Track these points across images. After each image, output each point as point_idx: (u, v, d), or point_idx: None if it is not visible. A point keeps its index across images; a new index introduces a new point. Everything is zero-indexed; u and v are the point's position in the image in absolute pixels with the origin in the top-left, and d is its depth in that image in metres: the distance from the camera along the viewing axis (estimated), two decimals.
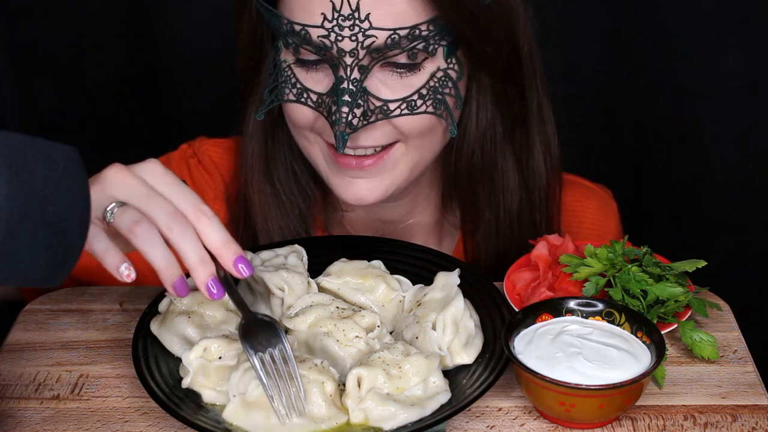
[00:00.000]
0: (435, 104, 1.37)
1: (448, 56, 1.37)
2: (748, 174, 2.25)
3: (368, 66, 1.33)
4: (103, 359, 1.27)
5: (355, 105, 1.33)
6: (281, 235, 1.52)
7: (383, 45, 1.32)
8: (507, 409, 1.19)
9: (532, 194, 1.51)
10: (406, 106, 1.36)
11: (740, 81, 2.18)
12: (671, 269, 1.29)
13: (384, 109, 1.35)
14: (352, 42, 1.31)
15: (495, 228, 1.51)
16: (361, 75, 1.33)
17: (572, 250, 1.35)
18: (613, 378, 1.12)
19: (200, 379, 1.17)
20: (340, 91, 1.33)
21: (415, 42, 1.33)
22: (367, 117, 1.34)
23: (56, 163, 1.00)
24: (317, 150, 1.43)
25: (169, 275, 1.13)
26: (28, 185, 0.97)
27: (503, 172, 1.49)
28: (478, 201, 1.51)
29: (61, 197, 1.00)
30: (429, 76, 1.36)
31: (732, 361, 1.26)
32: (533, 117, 1.50)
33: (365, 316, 1.22)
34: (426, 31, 1.33)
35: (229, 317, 1.24)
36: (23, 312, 1.36)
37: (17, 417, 1.18)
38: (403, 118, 1.37)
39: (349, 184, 1.42)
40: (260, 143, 1.50)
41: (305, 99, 1.37)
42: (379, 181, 1.42)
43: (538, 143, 1.51)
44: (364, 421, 1.12)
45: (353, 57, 1.32)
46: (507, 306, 1.29)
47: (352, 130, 1.33)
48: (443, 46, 1.36)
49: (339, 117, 1.32)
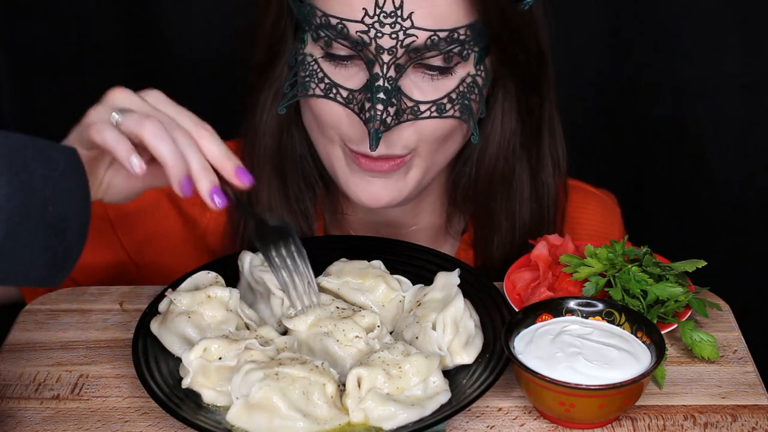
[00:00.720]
0: (462, 109, 1.37)
1: (478, 62, 1.37)
2: (748, 174, 2.25)
3: (404, 65, 1.33)
4: (103, 359, 1.27)
5: (389, 103, 1.32)
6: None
7: (423, 45, 1.32)
8: (507, 409, 1.19)
9: (542, 205, 1.51)
10: (435, 109, 1.35)
11: (740, 81, 2.18)
12: (671, 269, 1.29)
13: (414, 110, 1.35)
14: (392, 40, 1.31)
15: (510, 239, 1.51)
16: (397, 74, 1.33)
17: (572, 250, 1.35)
18: (613, 378, 1.12)
19: (200, 380, 1.17)
20: (376, 89, 1.32)
21: (452, 45, 1.33)
22: (399, 116, 1.34)
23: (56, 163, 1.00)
24: (338, 149, 1.42)
25: (177, 171, 1.15)
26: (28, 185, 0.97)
27: (519, 182, 1.50)
28: (496, 211, 1.50)
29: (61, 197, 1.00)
30: (459, 80, 1.36)
31: (732, 361, 1.26)
32: (545, 128, 1.50)
33: (365, 316, 1.22)
34: (464, 35, 1.33)
35: (229, 317, 1.24)
36: (23, 312, 1.36)
37: (17, 417, 1.18)
38: (429, 121, 1.36)
39: (367, 184, 1.41)
40: (274, 138, 1.49)
41: (334, 94, 1.36)
42: (395, 183, 1.41)
43: (548, 155, 1.51)
44: (364, 420, 1.12)
45: (391, 55, 1.32)
46: (507, 306, 1.29)
47: (385, 129, 1.33)
48: (476, 51, 1.36)
49: (374, 114, 1.32)
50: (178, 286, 1.28)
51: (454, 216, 1.57)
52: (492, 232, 1.51)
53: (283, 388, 1.11)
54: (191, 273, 1.31)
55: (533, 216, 1.51)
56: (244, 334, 1.21)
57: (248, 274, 1.30)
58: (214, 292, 1.25)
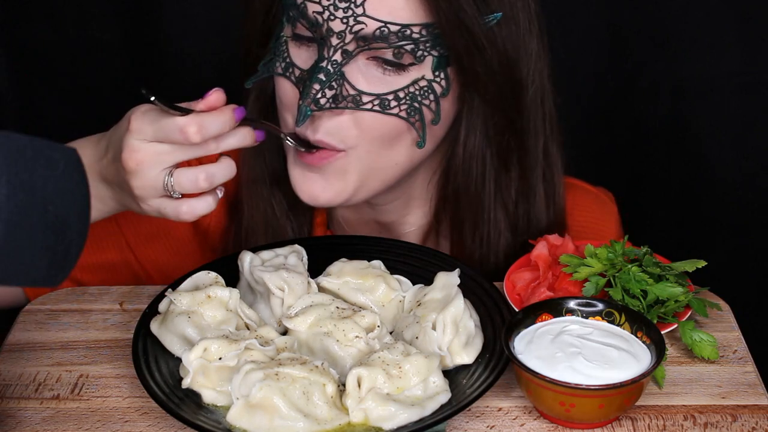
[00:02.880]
0: (409, 110, 1.34)
1: (437, 69, 1.35)
2: (748, 174, 2.24)
3: (352, 52, 1.32)
4: (103, 359, 1.27)
5: (327, 86, 1.32)
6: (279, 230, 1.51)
7: (371, 35, 1.31)
8: (507, 409, 1.19)
9: (522, 239, 1.48)
10: (379, 103, 1.34)
11: (740, 81, 2.18)
12: (671, 269, 1.29)
13: (356, 99, 1.33)
14: (342, 24, 1.31)
15: (479, 258, 1.48)
16: (343, 59, 1.33)
17: (572, 250, 1.35)
18: (613, 378, 1.12)
19: (200, 380, 1.17)
20: (318, 69, 1.32)
21: (403, 41, 1.32)
22: (336, 101, 1.33)
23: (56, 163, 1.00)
24: None
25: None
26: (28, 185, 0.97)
27: (490, 210, 1.46)
28: (464, 229, 1.48)
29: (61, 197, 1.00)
30: (411, 81, 1.34)
31: (732, 361, 1.26)
32: (536, 162, 1.47)
33: (365, 316, 1.22)
34: (417, 34, 1.32)
35: (229, 317, 1.24)
36: (23, 312, 1.37)
37: (17, 417, 1.18)
38: (370, 117, 1.34)
39: (306, 180, 1.39)
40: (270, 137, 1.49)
41: (290, 74, 1.37)
42: (332, 183, 1.39)
43: (541, 192, 1.48)
44: (364, 420, 1.12)
45: (340, 39, 1.32)
46: (507, 306, 1.29)
47: (317, 108, 1.31)
48: (433, 56, 1.34)
49: (307, 92, 1.31)
50: (178, 286, 1.28)
51: (441, 220, 1.56)
52: (463, 248, 1.49)
53: (283, 388, 1.11)
54: (191, 273, 1.31)
55: (509, 246, 1.47)
56: (244, 334, 1.21)
57: (248, 274, 1.30)
58: (214, 292, 1.25)
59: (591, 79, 2.21)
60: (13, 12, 2.16)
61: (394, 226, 1.55)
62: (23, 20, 2.17)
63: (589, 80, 2.22)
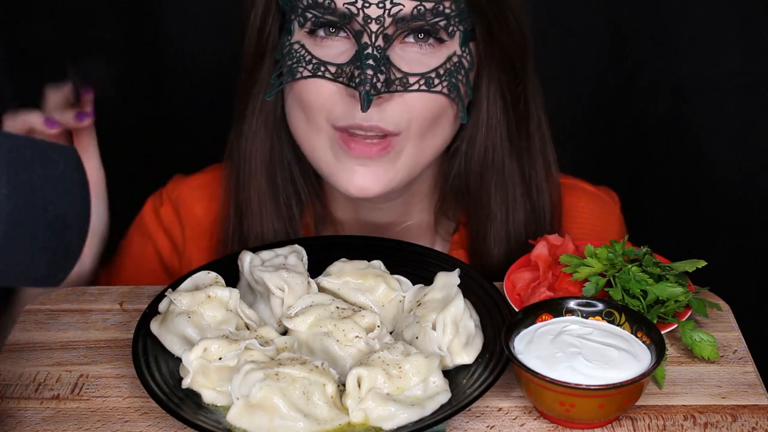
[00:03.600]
0: (450, 87, 1.39)
1: (463, 44, 1.40)
2: (748, 174, 2.24)
3: (392, 36, 1.36)
4: (103, 359, 1.27)
5: (378, 70, 1.35)
6: (273, 236, 1.52)
7: (409, 15, 1.35)
8: (507, 409, 1.19)
9: (535, 207, 1.51)
10: (424, 82, 1.38)
11: (740, 80, 2.18)
12: (671, 269, 1.29)
13: (404, 81, 1.37)
14: (379, 9, 1.34)
15: (505, 234, 1.51)
16: (385, 43, 1.36)
17: (572, 250, 1.35)
18: (613, 378, 1.12)
19: (200, 380, 1.17)
20: (365, 56, 1.35)
21: (437, 18, 1.36)
22: (389, 85, 1.36)
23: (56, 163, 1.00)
24: (324, 139, 1.42)
25: None
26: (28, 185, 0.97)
27: (510, 178, 1.50)
28: (491, 202, 1.50)
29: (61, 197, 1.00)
30: (446, 58, 1.39)
31: (732, 361, 1.26)
32: (533, 130, 1.51)
33: (365, 316, 1.22)
34: (449, 9, 1.36)
35: (229, 317, 1.24)
36: (23, 312, 1.36)
37: (17, 417, 1.18)
38: (418, 97, 1.38)
39: (354, 173, 1.41)
40: (264, 143, 1.50)
41: (323, 72, 1.38)
42: (384, 172, 1.41)
43: (539, 157, 1.52)
44: (364, 420, 1.12)
45: (379, 24, 1.35)
46: (507, 306, 1.29)
47: (376, 93, 1.34)
48: (461, 30, 1.38)
49: (364, 78, 1.34)
50: (178, 286, 1.28)
51: (443, 215, 1.57)
52: (487, 224, 1.51)
53: (283, 388, 1.11)
54: (191, 273, 1.31)
55: (527, 216, 1.51)
56: (244, 334, 1.21)
57: (248, 274, 1.30)
58: (214, 292, 1.25)
59: (591, 78, 2.21)
60: (13, 12, 2.16)
61: (390, 227, 1.56)
62: (23, 20, 2.16)
63: (589, 79, 2.22)
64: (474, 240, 1.53)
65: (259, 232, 1.52)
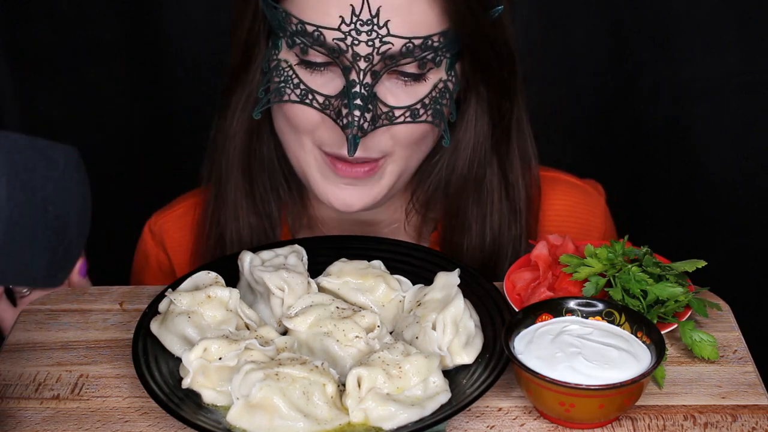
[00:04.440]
0: (434, 114, 1.39)
1: (450, 68, 1.39)
2: (748, 174, 2.24)
3: (380, 72, 1.35)
4: (103, 359, 1.27)
5: (365, 109, 1.35)
6: (250, 234, 1.52)
7: (398, 52, 1.34)
8: (507, 409, 1.19)
9: (513, 208, 1.52)
10: (410, 115, 1.38)
11: (740, 81, 2.18)
12: (671, 269, 1.29)
13: (390, 115, 1.37)
14: (368, 47, 1.33)
15: (479, 243, 1.51)
16: (373, 80, 1.35)
17: (572, 250, 1.35)
18: (613, 378, 1.12)
19: (200, 380, 1.17)
20: (353, 95, 1.34)
21: (426, 52, 1.35)
22: (375, 122, 1.36)
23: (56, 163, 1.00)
24: (311, 157, 1.44)
25: None
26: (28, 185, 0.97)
27: (490, 185, 1.51)
28: (467, 215, 1.51)
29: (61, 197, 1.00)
30: (432, 86, 1.39)
31: (732, 361, 1.26)
32: (513, 131, 1.51)
33: (365, 316, 1.22)
34: (437, 42, 1.36)
35: (229, 317, 1.24)
36: (23, 312, 1.36)
37: (17, 417, 1.18)
38: (403, 126, 1.39)
39: (340, 191, 1.43)
40: (243, 141, 1.50)
41: (310, 100, 1.38)
42: (369, 190, 1.44)
43: (516, 155, 1.52)
44: (364, 420, 1.12)
45: (368, 62, 1.34)
46: (507, 306, 1.29)
47: (363, 134, 1.35)
48: (447, 57, 1.38)
49: (351, 120, 1.34)
50: (178, 286, 1.28)
51: (420, 217, 1.57)
52: (462, 235, 1.52)
53: (283, 388, 1.11)
54: (191, 273, 1.31)
55: (503, 219, 1.51)
56: (244, 334, 1.21)
57: (248, 274, 1.30)
58: (214, 292, 1.25)
59: (591, 79, 2.22)
60: (13, 12, 2.16)
61: (371, 226, 1.57)
62: (23, 20, 2.16)
63: (589, 80, 2.22)
64: (445, 246, 1.54)
65: (235, 228, 1.52)
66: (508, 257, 1.51)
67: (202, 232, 1.57)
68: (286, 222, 1.57)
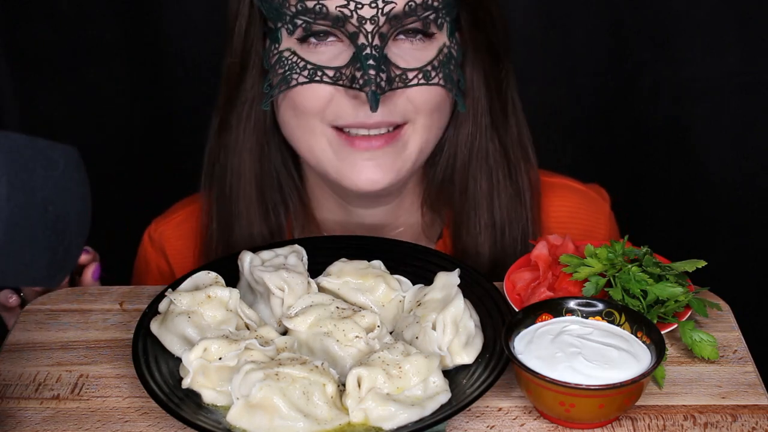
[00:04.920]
0: (445, 78, 1.42)
1: (451, 35, 1.42)
2: (748, 174, 2.25)
3: (387, 34, 1.37)
4: (103, 359, 1.27)
5: (380, 70, 1.36)
6: (261, 243, 1.52)
7: (401, 12, 1.37)
8: (507, 409, 1.19)
9: (517, 188, 1.53)
10: (422, 76, 1.40)
11: (740, 81, 2.18)
12: (671, 269, 1.29)
13: (403, 77, 1.39)
14: (372, 9, 1.36)
15: (491, 220, 1.52)
16: (382, 42, 1.37)
17: (572, 250, 1.35)
18: (613, 378, 1.12)
19: (200, 380, 1.17)
20: (365, 57, 1.36)
21: (427, 12, 1.38)
22: (390, 83, 1.38)
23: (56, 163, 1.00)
24: (323, 141, 1.43)
25: None
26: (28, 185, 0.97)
27: (494, 162, 1.51)
28: (476, 191, 1.52)
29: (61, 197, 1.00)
30: (437, 50, 1.41)
31: (732, 361, 1.26)
32: (510, 114, 1.53)
33: (365, 316, 1.22)
34: (437, 2, 1.39)
35: (229, 317, 1.24)
36: (23, 312, 1.37)
37: (17, 417, 1.18)
38: (418, 91, 1.40)
39: (361, 168, 1.43)
40: (252, 152, 1.50)
41: (320, 77, 1.39)
42: (392, 163, 1.44)
43: (516, 141, 1.53)
44: (364, 420, 1.12)
45: (374, 24, 1.36)
46: (507, 306, 1.29)
47: (381, 92, 1.36)
48: (448, 22, 1.41)
49: (368, 78, 1.36)
50: (178, 286, 1.28)
51: (430, 217, 1.57)
52: (471, 212, 1.52)
53: (283, 388, 1.11)
54: (191, 273, 1.31)
55: (510, 200, 1.52)
56: (244, 334, 1.21)
57: (248, 274, 1.30)
58: (214, 292, 1.25)
59: (591, 79, 2.22)
60: (13, 12, 2.16)
61: (378, 230, 1.56)
62: (23, 20, 2.17)
63: (589, 80, 2.22)
64: (458, 229, 1.54)
65: (248, 241, 1.52)
66: (519, 243, 1.52)
67: (209, 246, 1.56)
68: (291, 234, 1.57)
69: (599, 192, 1.67)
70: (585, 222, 1.62)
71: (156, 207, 1.71)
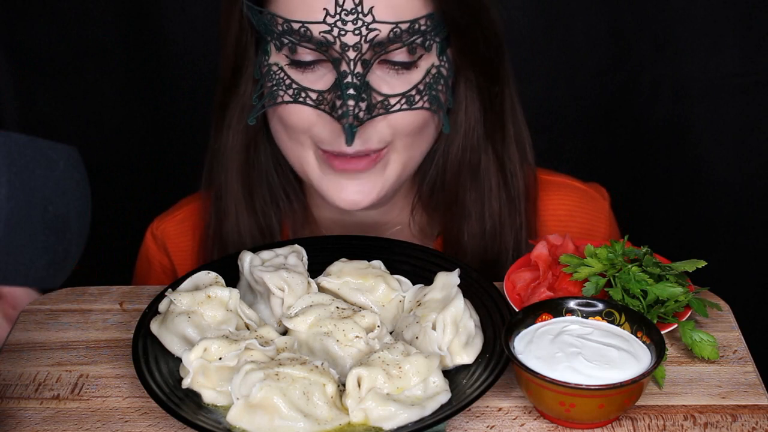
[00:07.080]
0: (431, 100, 1.39)
1: (441, 53, 1.40)
2: (748, 174, 2.25)
3: (370, 60, 1.35)
4: (103, 359, 1.27)
5: (360, 99, 1.35)
6: (251, 243, 1.52)
7: (386, 38, 1.34)
8: (507, 409, 1.19)
9: (511, 196, 1.52)
10: (405, 101, 1.38)
11: (740, 81, 2.18)
12: (671, 269, 1.29)
13: (385, 104, 1.37)
14: (356, 36, 1.33)
15: (481, 230, 1.51)
16: (364, 69, 1.35)
17: (572, 250, 1.35)
18: (613, 378, 1.12)
19: (200, 380, 1.17)
20: (345, 86, 1.34)
21: (414, 36, 1.35)
22: (370, 111, 1.36)
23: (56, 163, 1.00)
24: (310, 155, 1.44)
25: None
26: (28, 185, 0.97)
27: (486, 172, 1.51)
28: (465, 202, 1.51)
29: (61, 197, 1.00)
30: (425, 72, 1.39)
31: (732, 361, 1.26)
32: (508, 118, 1.52)
33: (365, 316, 1.22)
34: (424, 26, 1.36)
35: (229, 317, 1.24)
36: (23, 312, 1.36)
37: (17, 417, 1.18)
38: (400, 115, 1.38)
39: (343, 188, 1.43)
40: (241, 154, 1.50)
41: (303, 98, 1.38)
42: (372, 185, 1.43)
43: (513, 145, 1.52)
44: (365, 420, 1.12)
45: (356, 51, 1.34)
46: (507, 306, 1.29)
47: (359, 123, 1.35)
48: (437, 42, 1.38)
49: (346, 110, 1.34)
50: (178, 286, 1.28)
51: (425, 217, 1.57)
52: (461, 222, 1.52)
53: (283, 388, 1.11)
54: (191, 273, 1.31)
55: (502, 207, 1.52)
56: (244, 334, 1.21)
57: (248, 274, 1.30)
58: (214, 292, 1.25)
59: (591, 80, 2.22)
60: (13, 12, 2.16)
61: (376, 231, 1.56)
62: (23, 20, 2.16)
63: (589, 80, 2.22)
64: (448, 235, 1.54)
65: (237, 240, 1.52)
66: (510, 249, 1.51)
67: (206, 244, 1.57)
68: (289, 233, 1.57)
69: (599, 190, 1.67)
70: (584, 220, 1.62)
71: (156, 207, 1.71)
